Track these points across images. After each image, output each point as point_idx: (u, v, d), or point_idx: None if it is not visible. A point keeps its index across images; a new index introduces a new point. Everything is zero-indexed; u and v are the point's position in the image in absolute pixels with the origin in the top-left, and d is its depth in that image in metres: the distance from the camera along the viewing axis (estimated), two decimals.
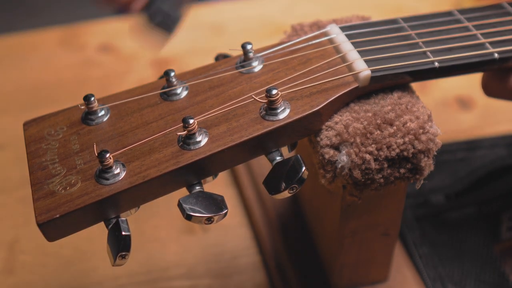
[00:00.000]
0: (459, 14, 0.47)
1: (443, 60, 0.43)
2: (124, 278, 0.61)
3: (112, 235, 0.38)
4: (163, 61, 0.87)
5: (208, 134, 0.40)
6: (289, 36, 0.48)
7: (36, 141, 0.41)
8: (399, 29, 0.46)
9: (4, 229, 0.66)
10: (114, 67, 0.87)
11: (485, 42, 0.45)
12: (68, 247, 0.64)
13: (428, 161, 0.41)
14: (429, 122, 0.41)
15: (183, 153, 0.39)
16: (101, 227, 0.39)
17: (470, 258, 0.59)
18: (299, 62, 0.44)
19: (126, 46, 0.91)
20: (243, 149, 0.40)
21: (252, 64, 0.44)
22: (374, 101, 0.43)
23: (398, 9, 0.94)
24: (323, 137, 0.41)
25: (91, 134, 0.41)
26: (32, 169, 0.40)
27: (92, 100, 0.41)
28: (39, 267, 0.62)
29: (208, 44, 0.90)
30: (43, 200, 0.37)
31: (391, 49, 0.44)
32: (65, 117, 0.43)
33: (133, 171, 0.38)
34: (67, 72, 0.87)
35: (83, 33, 0.94)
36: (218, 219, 0.38)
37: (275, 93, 0.39)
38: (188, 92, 0.43)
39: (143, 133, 0.41)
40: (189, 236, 0.64)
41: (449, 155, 0.67)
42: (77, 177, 0.38)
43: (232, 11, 0.97)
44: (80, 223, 0.38)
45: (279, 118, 0.40)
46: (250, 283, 0.60)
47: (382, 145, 0.40)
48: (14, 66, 0.89)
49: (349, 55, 0.43)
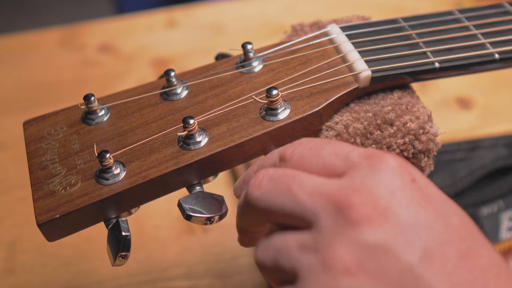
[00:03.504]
0: (459, 14, 0.47)
1: (443, 60, 0.43)
2: (124, 278, 0.61)
3: (112, 235, 0.38)
4: (163, 61, 0.87)
5: (208, 134, 0.40)
6: (289, 36, 0.48)
7: (36, 141, 0.41)
8: (399, 29, 0.46)
9: (4, 229, 0.66)
10: (114, 67, 0.87)
11: (486, 42, 0.45)
12: (68, 247, 0.64)
13: (428, 161, 0.41)
14: (429, 122, 0.41)
15: (183, 153, 0.39)
16: (101, 227, 0.39)
17: None
18: (299, 62, 0.44)
19: (126, 46, 0.91)
20: (243, 149, 0.40)
21: (252, 64, 0.44)
22: (374, 101, 0.42)
23: (398, 9, 0.94)
24: (323, 137, 0.41)
25: (91, 134, 0.41)
26: (32, 168, 0.40)
27: (92, 100, 0.41)
28: (39, 267, 0.62)
29: (208, 44, 0.90)
30: (43, 200, 0.37)
31: (392, 49, 0.44)
32: (65, 117, 0.43)
33: (133, 171, 0.38)
34: (67, 72, 0.87)
35: (83, 33, 0.94)
36: (218, 219, 0.38)
37: (275, 93, 0.39)
38: (188, 92, 0.43)
39: (143, 133, 0.41)
40: (189, 236, 0.64)
41: (449, 155, 0.67)
42: (77, 177, 0.38)
43: (232, 11, 0.97)
44: (80, 223, 0.38)
45: (279, 119, 0.40)
46: (250, 283, 0.60)
47: (382, 146, 0.40)
48: (14, 66, 0.89)
49: (349, 55, 0.43)
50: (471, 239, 0.30)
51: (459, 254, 0.29)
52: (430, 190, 0.31)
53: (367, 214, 0.29)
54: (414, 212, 0.30)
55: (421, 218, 0.30)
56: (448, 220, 0.30)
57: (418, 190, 0.31)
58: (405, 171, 0.31)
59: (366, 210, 0.29)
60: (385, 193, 0.30)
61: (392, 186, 0.30)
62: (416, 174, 0.32)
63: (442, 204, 0.31)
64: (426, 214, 0.30)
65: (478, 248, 0.30)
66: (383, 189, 0.30)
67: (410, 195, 0.30)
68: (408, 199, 0.30)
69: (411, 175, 0.31)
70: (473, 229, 0.31)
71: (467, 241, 0.30)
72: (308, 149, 0.34)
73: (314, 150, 0.33)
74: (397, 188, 0.30)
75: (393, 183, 0.31)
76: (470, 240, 0.30)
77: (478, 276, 0.29)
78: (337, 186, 0.31)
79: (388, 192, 0.30)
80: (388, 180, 0.31)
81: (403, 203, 0.30)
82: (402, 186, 0.31)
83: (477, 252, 0.30)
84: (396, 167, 0.31)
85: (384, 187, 0.30)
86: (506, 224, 0.63)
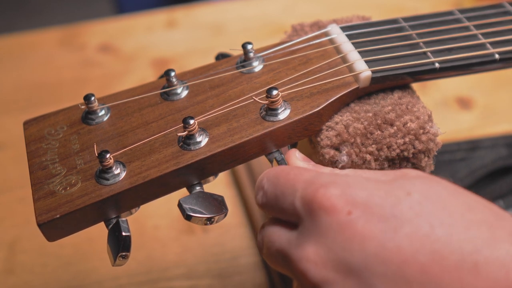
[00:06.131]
0: (460, 14, 0.47)
1: (444, 60, 0.43)
2: (124, 278, 0.61)
3: (112, 236, 0.38)
4: (163, 61, 0.87)
5: (208, 134, 0.40)
6: (290, 36, 0.48)
7: (36, 141, 0.41)
8: (399, 29, 0.46)
9: (4, 229, 0.66)
10: (114, 67, 0.87)
11: (486, 42, 0.45)
12: (68, 247, 0.64)
13: (429, 161, 0.41)
14: (430, 122, 0.41)
15: (183, 154, 0.39)
16: (101, 227, 0.39)
17: None
18: (300, 62, 0.44)
19: (126, 46, 0.91)
20: (243, 149, 0.40)
21: (252, 64, 0.44)
22: (374, 101, 0.42)
23: (398, 9, 0.94)
24: (324, 137, 0.41)
25: (91, 134, 0.41)
26: (32, 168, 0.40)
27: (92, 100, 0.41)
28: (39, 267, 0.62)
29: (208, 44, 0.90)
30: (43, 200, 0.37)
31: (392, 50, 0.44)
32: (65, 117, 0.43)
33: (133, 172, 0.38)
34: (67, 72, 0.87)
35: (83, 33, 0.94)
36: (218, 220, 0.38)
37: (275, 93, 0.39)
38: (188, 92, 0.43)
39: (143, 133, 0.41)
40: (189, 236, 0.64)
41: (449, 155, 0.67)
42: (77, 177, 0.38)
43: (232, 11, 0.97)
44: (80, 223, 0.38)
45: (280, 119, 0.40)
46: (250, 283, 0.60)
47: (382, 145, 0.40)
48: (14, 66, 0.89)
49: (349, 55, 0.43)
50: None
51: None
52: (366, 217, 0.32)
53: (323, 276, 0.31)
54: (347, 249, 0.31)
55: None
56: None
57: (351, 223, 0.31)
58: (340, 212, 0.32)
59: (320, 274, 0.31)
60: (329, 247, 0.31)
61: (331, 236, 0.32)
62: (353, 204, 0.32)
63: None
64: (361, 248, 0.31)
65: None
66: (326, 243, 0.32)
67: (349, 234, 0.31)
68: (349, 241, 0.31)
69: (348, 208, 0.32)
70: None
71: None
72: (268, 195, 0.36)
73: (273, 197, 0.36)
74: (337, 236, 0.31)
75: (331, 232, 0.32)
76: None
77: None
78: (292, 244, 0.33)
79: (331, 243, 0.31)
80: (328, 231, 0.32)
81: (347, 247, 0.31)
82: (340, 230, 0.31)
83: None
84: (329, 208, 0.32)
85: (325, 239, 0.32)
86: None
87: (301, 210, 0.33)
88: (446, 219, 0.30)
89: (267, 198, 0.36)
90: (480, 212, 0.31)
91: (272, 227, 0.36)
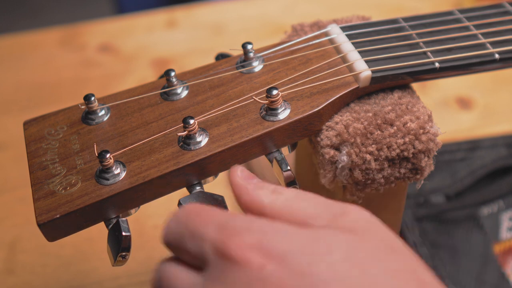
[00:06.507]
0: (460, 14, 0.47)
1: (444, 60, 0.43)
2: (124, 278, 0.61)
3: (112, 235, 0.38)
4: (163, 61, 0.87)
5: (208, 134, 0.40)
6: (290, 36, 0.48)
7: (36, 141, 0.41)
8: (399, 29, 0.46)
9: (4, 229, 0.66)
10: (114, 67, 0.87)
11: (486, 42, 0.45)
12: (68, 247, 0.64)
13: (429, 161, 0.41)
14: (430, 122, 0.41)
15: (183, 154, 0.39)
16: (101, 227, 0.39)
17: (470, 258, 0.59)
18: (300, 62, 0.44)
19: (126, 46, 0.91)
20: (243, 149, 0.40)
21: (252, 64, 0.44)
22: (374, 101, 0.42)
23: (398, 9, 0.94)
24: (324, 137, 0.41)
25: (91, 134, 0.41)
26: (32, 168, 0.40)
27: (92, 100, 0.41)
28: (39, 267, 0.62)
29: (208, 44, 0.90)
30: (44, 200, 0.37)
31: (392, 50, 0.44)
32: (65, 117, 0.43)
33: (134, 171, 0.38)
34: (67, 72, 0.87)
35: (83, 33, 0.94)
36: None
37: (275, 93, 0.39)
38: (188, 92, 0.43)
39: (143, 133, 0.41)
40: None
41: (449, 155, 0.67)
42: (77, 177, 0.38)
43: (232, 11, 0.97)
44: (80, 223, 0.38)
45: (279, 119, 0.40)
46: None
47: (382, 145, 0.40)
48: (14, 66, 0.89)
49: (349, 55, 0.43)
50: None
51: None
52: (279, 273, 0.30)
53: None
54: None
55: None
56: None
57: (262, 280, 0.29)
58: (252, 266, 0.30)
59: None
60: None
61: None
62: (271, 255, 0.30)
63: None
64: None
65: None
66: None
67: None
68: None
69: (261, 261, 0.30)
70: None
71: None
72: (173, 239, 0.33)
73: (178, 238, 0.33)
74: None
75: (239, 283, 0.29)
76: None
77: None
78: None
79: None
80: (236, 285, 0.29)
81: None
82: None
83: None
84: (241, 261, 0.30)
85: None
86: (506, 224, 0.63)
87: (210, 256, 0.31)
88: (363, 285, 0.29)
89: (173, 236, 0.33)
90: (404, 281, 0.29)
91: (174, 267, 0.33)
